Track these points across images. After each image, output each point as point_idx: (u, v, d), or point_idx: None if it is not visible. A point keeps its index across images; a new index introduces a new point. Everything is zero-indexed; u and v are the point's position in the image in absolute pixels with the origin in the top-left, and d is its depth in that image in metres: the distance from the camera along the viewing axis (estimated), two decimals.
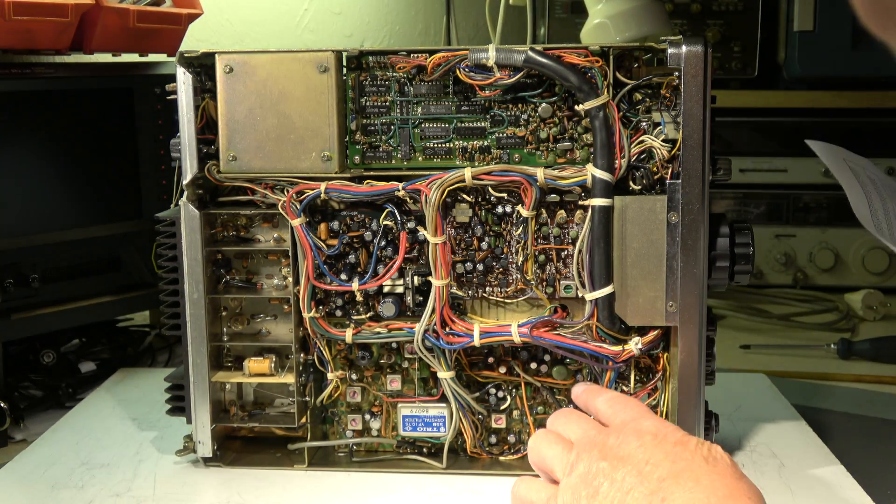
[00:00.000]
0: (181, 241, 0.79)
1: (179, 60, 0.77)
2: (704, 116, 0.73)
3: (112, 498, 0.77)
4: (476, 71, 0.75)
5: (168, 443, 0.87)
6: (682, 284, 0.74)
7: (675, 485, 0.54)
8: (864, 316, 1.31)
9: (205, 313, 0.79)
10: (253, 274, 0.83)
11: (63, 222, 1.01)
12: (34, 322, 0.99)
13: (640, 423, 0.60)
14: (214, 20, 1.51)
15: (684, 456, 0.56)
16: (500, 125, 0.77)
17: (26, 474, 0.82)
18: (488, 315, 0.80)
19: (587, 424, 0.63)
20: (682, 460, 0.55)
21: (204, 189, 0.80)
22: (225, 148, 0.77)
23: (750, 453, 0.84)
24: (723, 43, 1.42)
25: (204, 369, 0.80)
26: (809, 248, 1.41)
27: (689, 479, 0.54)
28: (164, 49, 1.10)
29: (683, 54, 0.72)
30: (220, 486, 0.79)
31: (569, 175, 0.75)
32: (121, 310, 1.11)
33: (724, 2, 1.42)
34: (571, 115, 0.76)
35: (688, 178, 0.73)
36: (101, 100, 1.04)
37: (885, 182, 0.90)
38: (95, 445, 0.88)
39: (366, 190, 0.77)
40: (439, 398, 0.81)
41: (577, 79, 0.74)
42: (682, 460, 0.55)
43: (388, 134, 0.78)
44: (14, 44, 0.95)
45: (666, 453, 0.56)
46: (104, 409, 0.96)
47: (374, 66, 0.78)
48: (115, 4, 1.00)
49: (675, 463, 0.55)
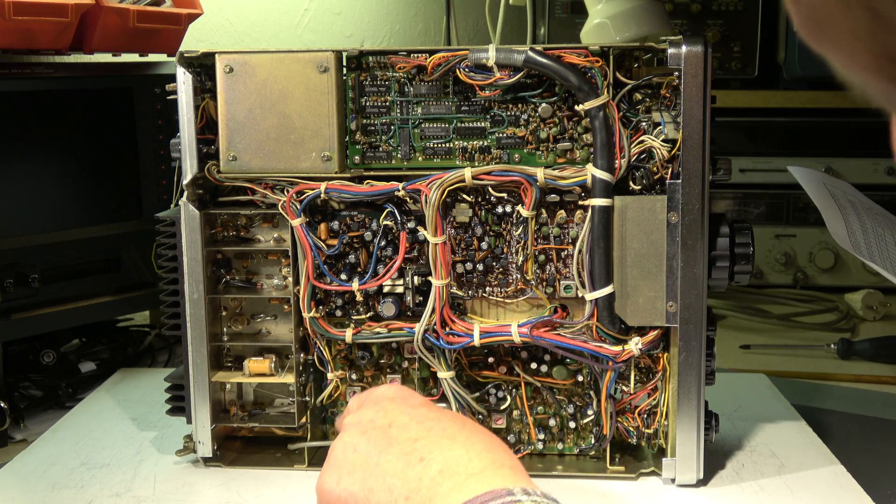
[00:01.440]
0: (181, 241, 0.79)
1: (179, 60, 0.77)
2: (704, 116, 0.73)
3: (112, 498, 0.77)
4: (476, 71, 0.75)
5: (168, 443, 0.87)
6: (682, 284, 0.74)
7: (431, 444, 0.55)
8: (864, 316, 1.31)
9: (205, 313, 0.79)
10: (253, 274, 0.83)
11: (63, 222, 1.01)
12: (34, 322, 0.99)
13: (375, 397, 0.65)
14: (214, 20, 1.51)
15: (430, 416, 0.57)
16: (500, 125, 0.77)
17: (26, 474, 0.82)
18: (488, 315, 0.80)
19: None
20: (429, 420, 0.57)
21: (204, 189, 0.80)
22: (225, 148, 0.77)
23: (750, 453, 0.84)
24: (723, 43, 1.42)
25: (204, 369, 0.80)
26: (809, 248, 1.41)
27: (443, 437, 0.55)
28: (164, 49, 1.10)
29: (683, 54, 0.72)
30: (220, 486, 0.79)
31: (569, 175, 0.75)
32: (121, 310, 1.11)
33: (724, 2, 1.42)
34: (571, 115, 0.76)
35: (688, 178, 0.73)
36: (101, 100, 1.04)
37: (865, 204, 0.91)
38: (95, 445, 0.88)
39: (366, 190, 0.77)
40: (439, 398, 0.81)
41: (576, 79, 0.74)
42: (430, 420, 0.57)
43: (388, 134, 0.78)
44: (14, 44, 0.95)
45: (410, 416, 0.59)
46: (104, 410, 0.96)
47: (374, 66, 0.78)
48: (115, 4, 1.00)
49: (422, 423, 0.57)
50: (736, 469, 0.81)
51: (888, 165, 1.37)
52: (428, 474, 0.55)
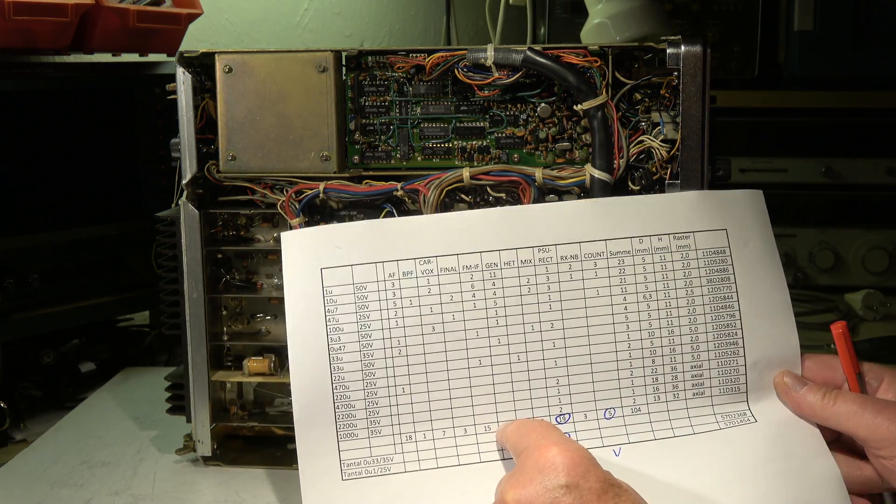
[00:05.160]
0: (181, 240, 0.79)
1: (179, 60, 0.77)
2: (703, 116, 0.73)
3: (111, 496, 0.77)
4: (474, 71, 0.75)
5: (169, 442, 0.87)
6: None
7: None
8: (864, 316, 1.31)
9: (204, 313, 0.80)
10: (253, 273, 0.83)
11: (63, 222, 1.02)
12: (34, 322, 0.99)
13: (543, 455, 0.58)
14: (214, 20, 1.51)
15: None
16: (498, 125, 0.77)
17: (27, 472, 0.82)
18: None
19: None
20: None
21: (204, 189, 0.80)
22: (224, 148, 0.78)
23: None
24: (723, 43, 1.42)
25: (204, 369, 0.80)
26: (809, 248, 1.41)
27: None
28: (164, 49, 1.10)
29: (682, 54, 0.72)
30: (219, 485, 0.79)
31: (567, 175, 0.75)
32: (121, 310, 1.11)
33: (724, 2, 1.42)
34: (570, 115, 0.76)
35: (687, 178, 0.73)
36: (101, 100, 1.04)
37: None
38: (97, 444, 0.88)
39: (364, 190, 0.77)
40: None
41: (575, 79, 0.74)
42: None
43: (387, 134, 0.78)
44: (14, 44, 0.95)
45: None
46: (107, 408, 0.97)
47: (374, 65, 0.78)
48: (115, 4, 1.00)
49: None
50: None
51: (888, 165, 1.37)
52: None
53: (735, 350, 0.69)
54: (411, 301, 0.67)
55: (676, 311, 0.69)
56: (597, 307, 0.68)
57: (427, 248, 0.68)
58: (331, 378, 0.66)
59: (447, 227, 0.68)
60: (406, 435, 0.66)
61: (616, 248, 0.69)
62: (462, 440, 0.66)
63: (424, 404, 0.66)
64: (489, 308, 0.67)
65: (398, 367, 0.66)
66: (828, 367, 0.69)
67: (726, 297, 0.70)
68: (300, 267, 0.67)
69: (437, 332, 0.67)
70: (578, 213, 0.69)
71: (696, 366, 0.69)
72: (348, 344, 0.66)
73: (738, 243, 0.71)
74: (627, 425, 0.68)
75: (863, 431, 0.63)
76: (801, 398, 0.67)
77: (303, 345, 0.66)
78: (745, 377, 0.69)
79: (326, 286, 0.67)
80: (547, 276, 0.68)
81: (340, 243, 0.68)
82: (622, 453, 0.67)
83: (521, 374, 0.67)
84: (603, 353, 0.68)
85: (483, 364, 0.67)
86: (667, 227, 0.69)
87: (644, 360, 0.68)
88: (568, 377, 0.67)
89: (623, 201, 0.70)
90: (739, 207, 0.71)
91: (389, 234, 0.68)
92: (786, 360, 0.70)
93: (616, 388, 0.68)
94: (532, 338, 0.67)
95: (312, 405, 0.66)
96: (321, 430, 0.66)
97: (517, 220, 0.69)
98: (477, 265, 0.68)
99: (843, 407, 0.64)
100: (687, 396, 0.69)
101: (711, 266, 0.70)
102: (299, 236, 0.69)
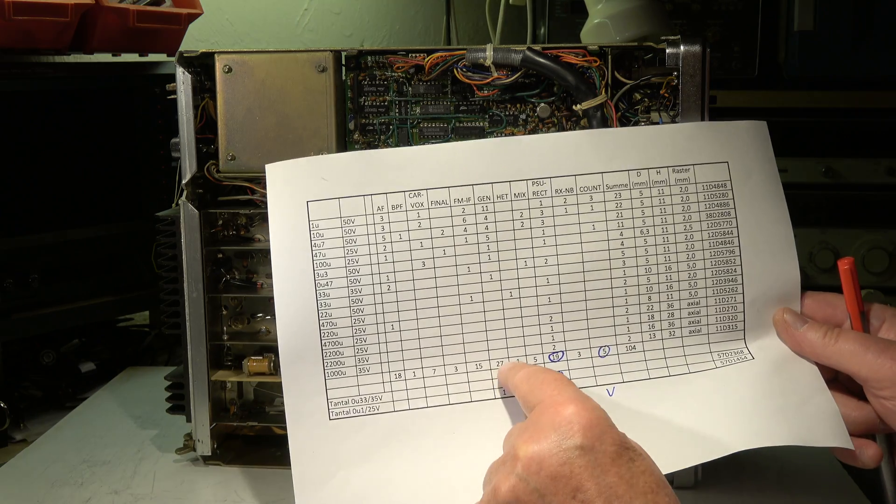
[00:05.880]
0: (181, 240, 0.79)
1: (179, 60, 0.77)
2: (703, 116, 0.73)
3: (110, 495, 0.77)
4: (474, 71, 0.75)
5: (170, 441, 0.87)
6: None
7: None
8: None
9: (204, 312, 0.80)
10: (253, 273, 0.83)
11: (63, 222, 1.02)
12: (34, 322, 0.99)
13: (559, 412, 0.56)
14: (214, 20, 1.51)
15: (619, 493, 0.53)
16: (498, 125, 0.77)
17: (28, 471, 0.82)
18: None
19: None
20: (617, 500, 0.53)
21: (204, 188, 0.80)
22: (224, 147, 0.78)
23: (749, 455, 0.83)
24: (723, 43, 1.42)
25: (203, 368, 0.80)
26: (809, 248, 1.41)
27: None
28: (164, 49, 1.10)
29: (681, 54, 0.72)
30: (218, 484, 0.79)
31: None
32: (121, 310, 1.11)
33: (724, 2, 1.42)
34: (570, 115, 0.76)
35: None
36: (101, 100, 1.04)
37: None
38: (98, 443, 0.88)
39: None
40: None
41: (574, 78, 0.74)
42: (618, 500, 0.53)
43: (387, 133, 0.78)
44: (14, 44, 0.95)
45: (599, 488, 0.53)
46: (109, 408, 0.97)
47: (373, 65, 0.78)
48: (115, 4, 1.00)
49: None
50: (735, 472, 0.80)
51: (888, 165, 1.37)
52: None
53: (734, 287, 0.68)
54: (400, 235, 0.65)
55: (674, 246, 0.67)
56: (592, 242, 0.66)
57: (417, 180, 0.66)
58: (318, 314, 0.64)
59: (438, 158, 0.67)
60: (395, 373, 0.65)
61: (612, 182, 0.67)
62: (452, 378, 0.65)
63: (414, 342, 0.65)
64: (481, 243, 0.66)
65: (387, 303, 0.65)
66: (828, 304, 0.68)
67: (726, 233, 0.68)
68: (285, 200, 0.66)
69: (427, 268, 0.65)
70: (574, 144, 0.67)
71: (693, 303, 0.67)
72: (335, 279, 0.65)
73: (740, 177, 0.69)
74: (622, 364, 0.66)
75: (864, 371, 0.62)
76: (802, 336, 0.66)
77: (288, 280, 0.65)
78: (744, 315, 0.68)
79: (313, 220, 0.65)
80: (541, 209, 0.66)
81: (327, 175, 0.66)
82: (616, 392, 0.66)
83: (514, 310, 0.66)
84: (598, 289, 0.66)
85: (474, 300, 0.65)
86: (665, 159, 0.68)
87: (640, 296, 0.66)
88: (562, 314, 0.66)
89: (620, 132, 0.69)
90: (742, 139, 0.69)
91: (378, 166, 0.66)
92: (786, 296, 0.68)
93: (611, 326, 0.66)
94: (525, 273, 0.65)
95: (299, 342, 0.64)
96: (308, 368, 0.64)
97: (511, 152, 0.67)
98: (469, 198, 0.66)
99: (845, 346, 0.63)
100: (683, 334, 0.67)
101: (711, 200, 0.68)
102: (284, 167, 0.67)
